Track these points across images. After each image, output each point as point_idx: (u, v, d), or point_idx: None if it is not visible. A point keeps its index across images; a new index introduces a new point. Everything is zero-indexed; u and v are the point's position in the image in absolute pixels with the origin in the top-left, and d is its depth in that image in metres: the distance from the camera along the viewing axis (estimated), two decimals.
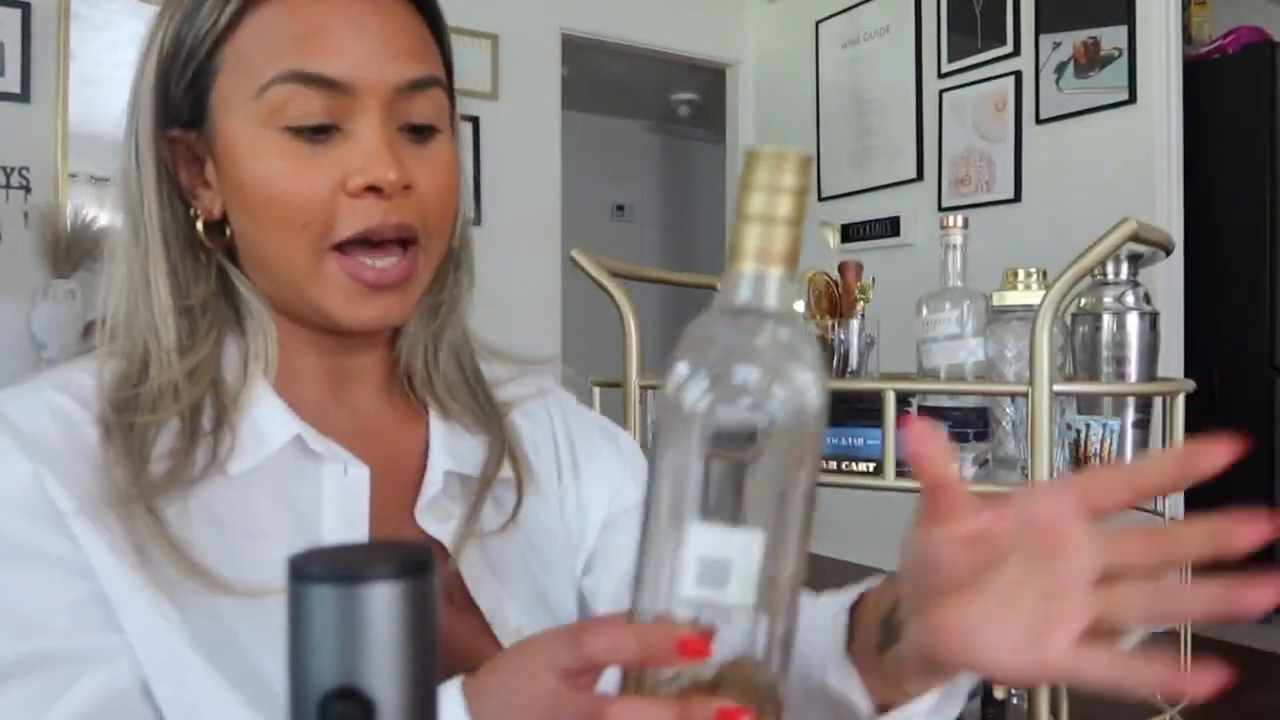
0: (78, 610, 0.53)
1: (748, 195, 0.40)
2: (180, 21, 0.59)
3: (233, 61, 0.58)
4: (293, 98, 0.56)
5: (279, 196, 0.57)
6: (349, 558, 0.30)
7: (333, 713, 0.29)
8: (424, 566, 0.30)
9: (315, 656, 0.29)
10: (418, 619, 0.29)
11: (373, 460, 0.63)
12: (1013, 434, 1.30)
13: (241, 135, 0.58)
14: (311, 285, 0.59)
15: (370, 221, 0.57)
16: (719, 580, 0.39)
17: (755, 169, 0.40)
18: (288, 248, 0.58)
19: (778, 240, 0.40)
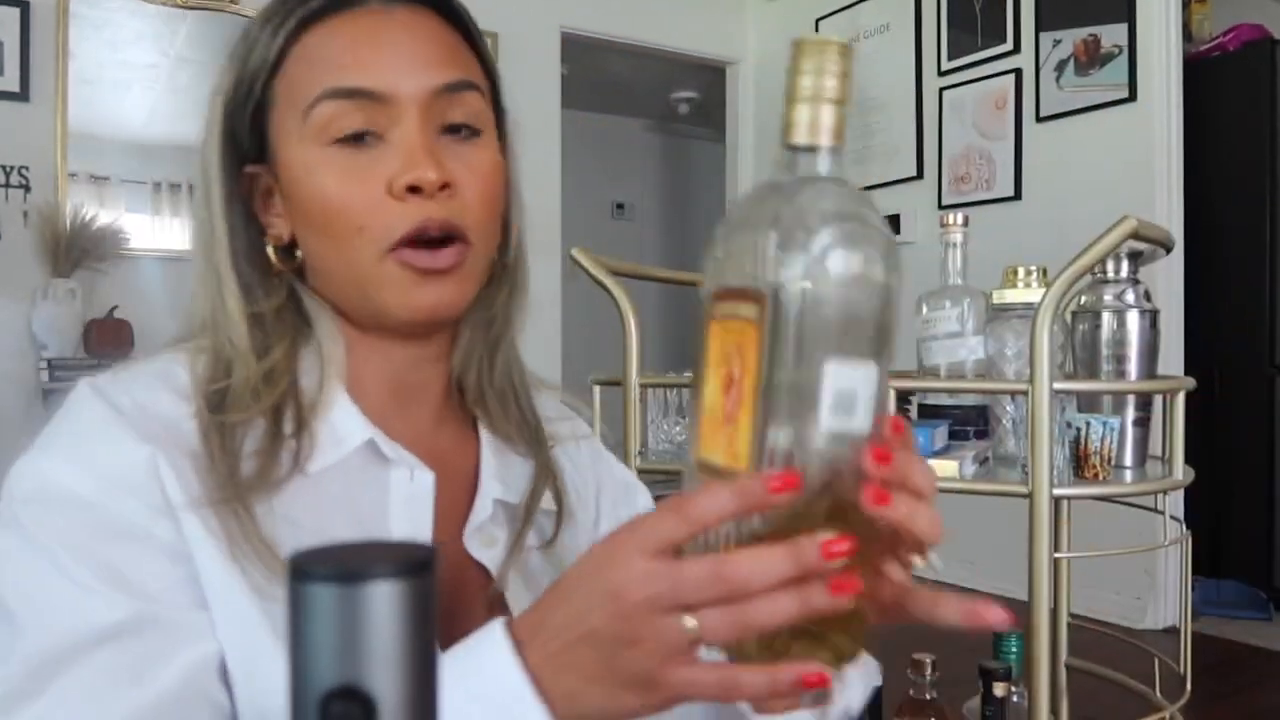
0: (179, 588, 0.56)
1: (796, 79, 0.45)
2: (239, 67, 0.64)
3: (284, 93, 0.62)
4: (336, 114, 0.60)
5: (334, 205, 0.61)
6: (350, 556, 0.30)
7: (333, 712, 0.29)
8: (424, 565, 0.30)
9: (316, 655, 0.29)
10: (418, 618, 0.29)
11: None
12: (1013, 432, 1.30)
13: (297, 157, 0.62)
14: (372, 286, 0.62)
15: (417, 220, 0.60)
16: (849, 409, 0.44)
17: (802, 56, 0.45)
18: (349, 254, 0.62)
19: (825, 116, 0.45)
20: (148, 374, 0.63)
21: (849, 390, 0.44)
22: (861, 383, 0.44)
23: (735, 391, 0.45)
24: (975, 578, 3.76)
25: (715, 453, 0.46)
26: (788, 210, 0.44)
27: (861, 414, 0.44)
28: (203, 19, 3.55)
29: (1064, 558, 1.52)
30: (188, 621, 0.56)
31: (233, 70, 0.64)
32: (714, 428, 0.46)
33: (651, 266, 1.87)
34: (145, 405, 0.60)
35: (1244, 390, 3.52)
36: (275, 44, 0.62)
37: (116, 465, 0.57)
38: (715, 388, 0.46)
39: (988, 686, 1.09)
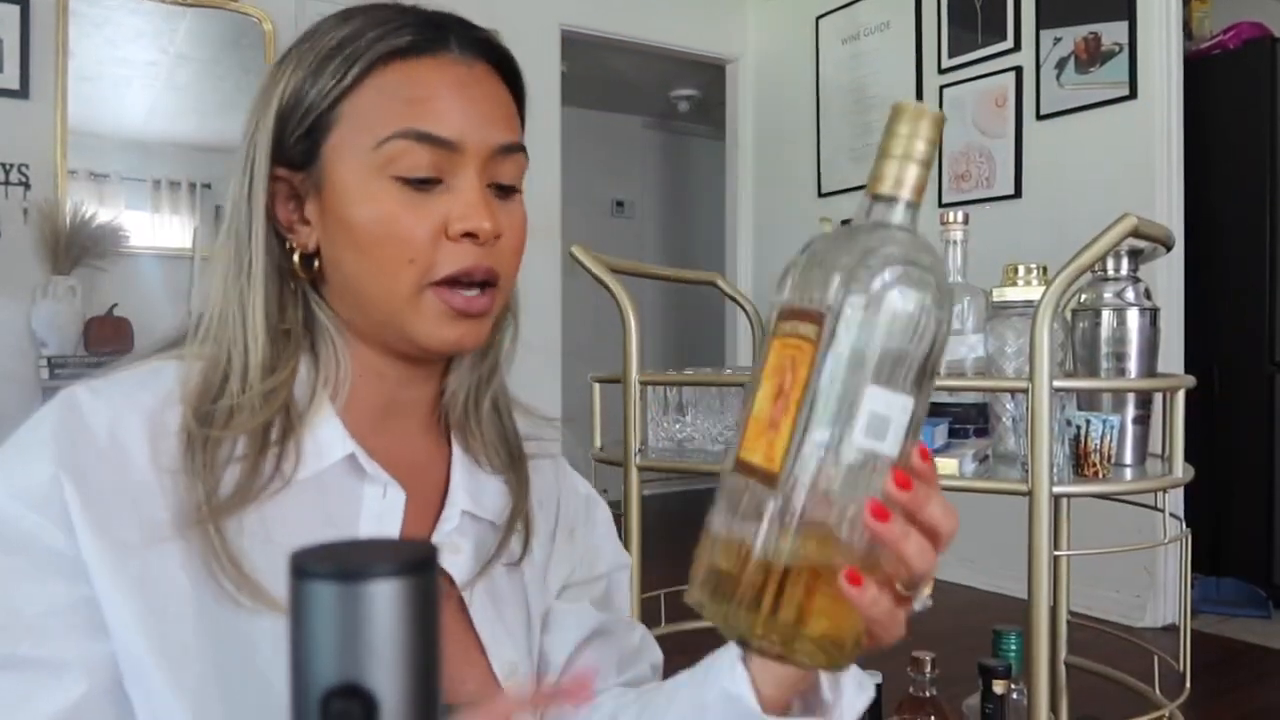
0: (67, 611, 0.57)
1: (890, 137, 0.51)
2: (303, 77, 0.65)
3: (350, 116, 0.65)
4: (406, 152, 0.64)
5: (390, 236, 0.64)
6: (351, 554, 0.30)
7: (334, 710, 0.29)
8: (426, 564, 0.30)
9: (317, 653, 0.29)
10: (420, 616, 0.29)
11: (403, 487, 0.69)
12: (1013, 430, 1.30)
13: (354, 181, 0.65)
14: (406, 314, 0.66)
15: (466, 263, 0.65)
16: (880, 433, 0.49)
17: (899, 118, 0.51)
18: (392, 281, 0.65)
19: (909, 174, 0.50)
20: (135, 382, 0.64)
21: (883, 415, 0.48)
22: (897, 411, 0.49)
23: (782, 400, 0.50)
24: (975, 576, 3.76)
25: (755, 454, 0.51)
26: (859, 247, 0.50)
27: (891, 439, 0.49)
28: (202, 16, 3.55)
29: (1064, 555, 1.52)
30: (62, 659, 0.56)
31: (294, 77, 0.66)
32: (758, 431, 0.51)
33: (651, 264, 1.87)
34: (115, 422, 0.61)
35: (1244, 388, 3.52)
36: (354, 68, 0.65)
37: (25, 480, 0.58)
38: (766, 395, 0.51)
39: (987, 684, 1.10)
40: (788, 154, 4.69)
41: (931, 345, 0.49)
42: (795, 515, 0.49)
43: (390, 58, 0.65)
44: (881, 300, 0.48)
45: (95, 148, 3.36)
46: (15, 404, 3.09)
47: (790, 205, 4.67)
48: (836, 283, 0.49)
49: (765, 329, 0.53)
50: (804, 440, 0.48)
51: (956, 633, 3.20)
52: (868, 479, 0.49)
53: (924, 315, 0.49)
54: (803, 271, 0.51)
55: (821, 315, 0.49)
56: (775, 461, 0.49)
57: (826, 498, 0.49)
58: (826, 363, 0.48)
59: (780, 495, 0.49)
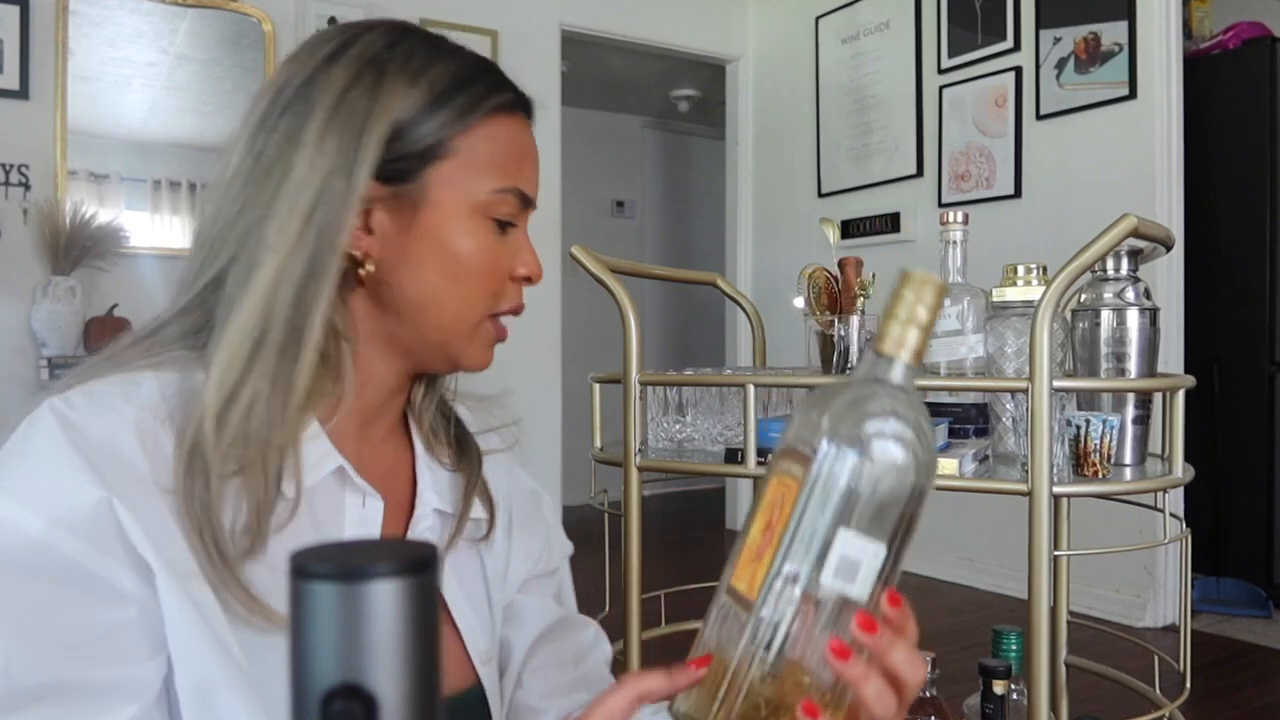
0: (117, 634, 0.57)
1: (897, 301, 0.55)
2: (420, 103, 0.68)
3: (464, 153, 0.69)
4: (506, 202, 0.71)
5: (485, 270, 0.71)
6: (351, 555, 0.30)
7: (334, 710, 0.29)
8: (426, 564, 0.30)
9: (317, 654, 0.29)
10: (419, 616, 0.29)
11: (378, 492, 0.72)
12: (1013, 430, 1.30)
13: (458, 213, 0.69)
14: (465, 338, 0.72)
15: (518, 301, 0.75)
16: (850, 576, 0.51)
17: (907, 284, 0.55)
18: (467, 308, 0.71)
19: (911, 337, 0.54)
20: (117, 395, 0.62)
21: (854, 559, 0.51)
22: (869, 556, 0.52)
23: (769, 534, 0.53)
24: (975, 575, 3.76)
25: (741, 581, 0.54)
26: (850, 398, 0.53)
27: (861, 583, 0.52)
28: (202, 16, 3.55)
29: (1064, 555, 1.52)
30: (111, 683, 0.56)
31: (413, 99, 0.67)
32: (748, 560, 0.54)
33: (651, 264, 1.87)
34: (114, 438, 0.60)
35: (1244, 388, 3.52)
36: (475, 113, 0.69)
37: (67, 505, 0.57)
38: (758, 526, 0.55)
39: (987, 684, 1.10)
40: (788, 154, 4.69)
41: (908, 499, 0.52)
42: (766, 646, 0.52)
43: (500, 110, 0.71)
44: (863, 450, 0.51)
45: (95, 148, 3.36)
46: (15, 404, 3.08)
47: (790, 205, 4.67)
48: (825, 429, 0.52)
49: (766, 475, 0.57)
50: (779, 575, 0.52)
51: (956, 632, 3.20)
52: (835, 619, 0.52)
53: (903, 469, 0.52)
54: (803, 414, 0.55)
55: (809, 458, 0.52)
56: (754, 591, 0.52)
57: (796, 632, 0.52)
58: (808, 504, 0.51)
59: (754, 624, 0.52)
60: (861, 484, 0.51)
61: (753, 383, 1.30)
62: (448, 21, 3.96)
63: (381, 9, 3.84)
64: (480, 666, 0.76)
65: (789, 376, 1.39)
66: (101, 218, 3.27)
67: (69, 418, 0.60)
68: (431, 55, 0.69)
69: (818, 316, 1.41)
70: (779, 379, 1.38)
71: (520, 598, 0.84)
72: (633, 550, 1.38)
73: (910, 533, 0.53)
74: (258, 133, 0.67)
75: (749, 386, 1.29)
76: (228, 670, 0.59)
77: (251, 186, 0.66)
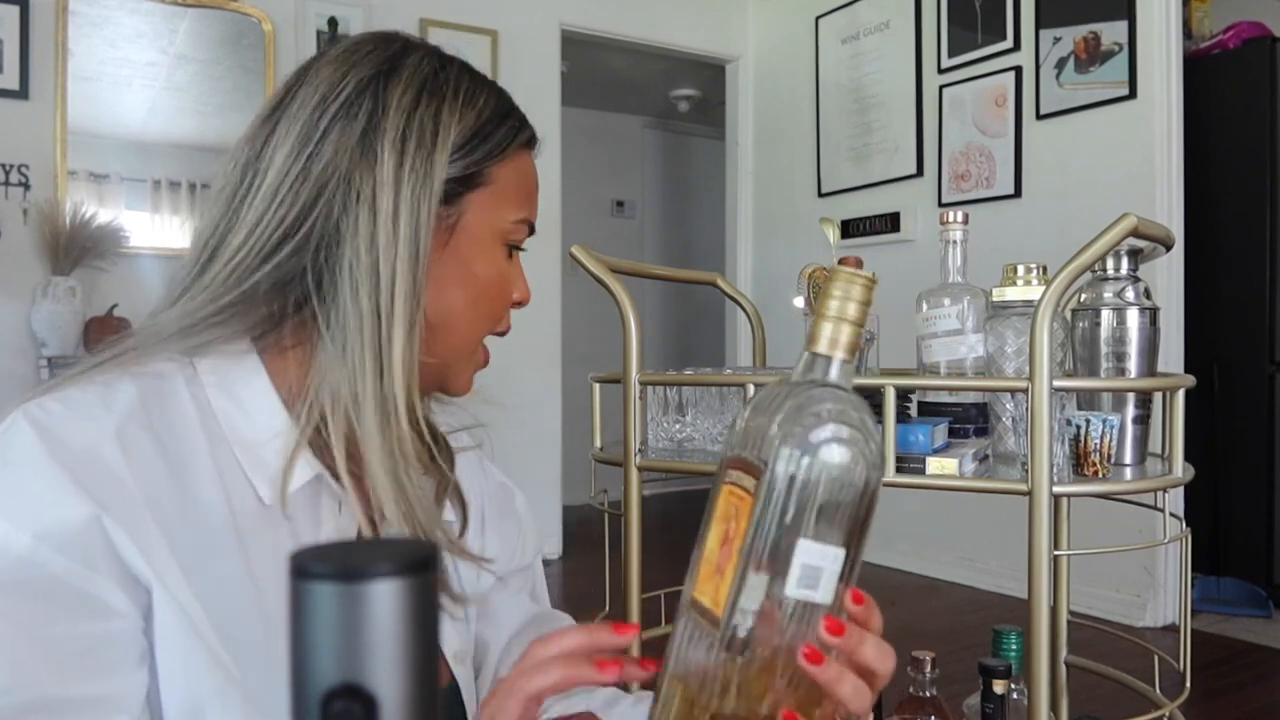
0: (102, 649, 0.57)
1: (826, 299, 0.55)
2: (473, 131, 0.71)
3: (497, 182, 0.73)
4: (520, 230, 0.75)
5: (500, 294, 0.74)
6: (351, 555, 0.30)
7: (334, 710, 0.29)
8: (426, 563, 0.30)
9: (317, 654, 0.29)
10: (419, 616, 0.29)
11: None
12: (1013, 430, 1.30)
13: (485, 238, 0.73)
14: (463, 359, 0.75)
15: (508, 325, 0.77)
16: (813, 583, 0.52)
17: (834, 282, 0.55)
18: (473, 330, 0.74)
19: (844, 334, 0.54)
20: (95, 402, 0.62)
21: (816, 566, 0.52)
22: (829, 562, 0.52)
23: (727, 548, 0.53)
24: (975, 575, 3.76)
25: (705, 595, 0.54)
26: (794, 404, 0.53)
27: (824, 589, 0.52)
28: (201, 16, 3.55)
29: (1064, 555, 1.52)
30: (98, 697, 0.56)
31: (465, 126, 0.70)
32: (708, 573, 0.55)
33: (651, 264, 1.87)
34: (95, 448, 0.59)
35: (1244, 387, 3.52)
36: (513, 144, 0.74)
37: (53, 520, 0.56)
38: (715, 539, 0.55)
39: (987, 684, 1.10)
40: (787, 154, 4.69)
41: (860, 497, 0.52)
42: (736, 660, 0.52)
43: (527, 145, 0.76)
44: (811, 457, 0.52)
45: (95, 148, 3.36)
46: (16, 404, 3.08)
47: (790, 205, 4.67)
48: (771, 438, 0.52)
49: (715, 485, 0.57)
50: (741, 589, 0.52)
51: (956, 632, 3.20)
52: (803, 625, 0.53)
53: (853, 470, 0.52)
54: (747, 421, 0.55)
55: (760, 470, 0.52)
56: (719, 606, 0.53)
57: (765, 643, 0.52)
58: (763, 518, 0.52)
59: (722, 639, 0.52)
60: (814, 491, 0.51)
61: (753, 382, 1.30)
62: (448, 21, 3.96)
63: (382, 9, 3.84)
64: (454, 666, 0.76)
65: None
66: (101, 218, 3.28)
67: (46, 426, 0.59)
68: (475, 85, 0.72)
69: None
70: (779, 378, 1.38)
71: (495, 595, 0.85)
72: (633, 550, 1.38)
73: (866, 529, 0.53)
74: (305, 139, 0.66)
75: (749, 386, 1.29)
76: (220, 682, 0.59)
77: (309, 190, 0.66)
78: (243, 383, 0.66)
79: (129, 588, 0.58)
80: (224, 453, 0.64)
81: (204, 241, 0.68)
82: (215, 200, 0.69)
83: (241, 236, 0.66)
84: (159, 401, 0.63)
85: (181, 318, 0.66)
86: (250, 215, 0.66)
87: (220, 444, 0.64)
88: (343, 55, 0.69)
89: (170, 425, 0.62)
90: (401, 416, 0.65)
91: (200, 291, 0.66)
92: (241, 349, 0.67)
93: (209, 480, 0.63)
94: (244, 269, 0.65)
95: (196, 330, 0.65)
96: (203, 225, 0.69)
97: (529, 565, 0.90)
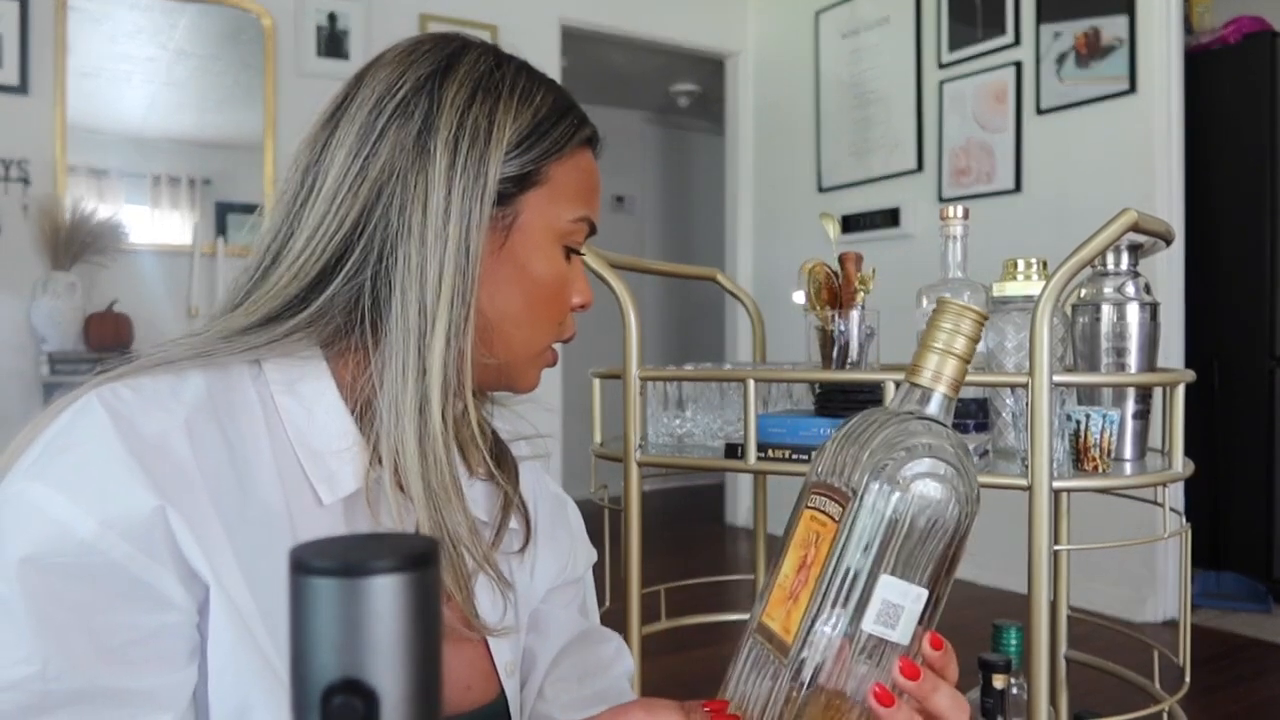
0: (158, 639, 0.57)
1: (934, 330, 0.53)
2: (530, 129, 0.70)
3: (555, 180, 0.71)
4: (580, 231, 0.73)
5: (558, 297, 0.73)
6: (351, 550, 0.30)
7: (335, 705, 0.29)
8: (426, 558, 0.30)
9: (317, 649, 0.29)
10: (420, 611, 0.29)
11: None
12: (1013, 425, 1.30)
13: (543, 239, 0.71)
14: (528, 362, 0.74)
15: (573, 330, 0.76)
16: (892, 622, 0.50)
17: (943, 313, 0.53)
18: (538, 333, 0.73)
19: (949, 369, 0.53)
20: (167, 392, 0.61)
21: (896, 604, 0.50)
22: (910, 601, 0.50)
23: (804, 574, 0.52)
24: (975, 571, 3.77)
25: (775, 621, 0.53)
26: (890, 435, 0.51)
27: (903, 628, 0.50)
28: (201, 12, 3.55)
29: (1064, 550, 1.52)
30: (146, 690, 0.56)
31: (521, 125, 0.69)
32: (780, 598, 0.53)
33: (651, 259, 1.87)
34: (166, 438, 0.58)
35: (1244, 383, 3.52)
36: (571, 142, 0.72)
37: (122, 508, 0.55)
38: (792, 564, 0.53)
39: (987, 679, 1.10)
40: (788, 149, 4.69)
41: (951, 540, 0.51)
42: (802, 690, 0.50)
43: (587, 143, 0.75)
44: (903, 491, 0.50)
45: (95, 143, 3.36)
46: (16, 400, 3.09)
47: (790, 200, 4.66)
48: (864, 468, 0.50)
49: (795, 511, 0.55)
50: (817, 619, 0.50)
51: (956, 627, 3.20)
52: (877, 664, 0.51)
53: (945, 509, 0.50)
54: (838, 447, 0.53)
55: (847, 498, 0.50)
56: (790, 633, 0.51)
57: (834, 677, 0.50)
58: (846, 548, 0.50)
59: (790, 669, 0.51)
60: (903, 526, 0.49)
61: (753, 378, 1.30)
62: (448, 16, 3.96)
63: (381, 4, 3.83)
64: (505, 679, 0.75)
65: (789, 372, 1.39)
66: (101, 213, 3.27)
67: (120, 412, 0.58)
68: (531, 83, 0.71)
69: (818, 312, 1.41)
70: (779, 374, 1.38)
71: (545, 608, 0.83)
72: (633, 545, 1.38)
73: (952, 571, 0.51)
74: (363, 139, 0.66)
75: (749, 382, 1.29)
76: (270, 684, 0.58)
77: (367, 191, 0.65)
78: (307, 384, 0.66)
79: (188, 582, 0.57)
80: (285, 452, 0.64)
81: (266, 246, 0.67)
82: (277, 205, 0.68)
83: (303, 240, 0.66)
84: (226, 396, 0.63)
85: (246, 318, 0.65)
86: (311, 219, 0.66)
87: (282, 443, 0.64)
88: (400, 55, 0.69)
89: (235, 420, 0.62)
90: (433, 416, 0.64)
91: (263, 296, 0.66)
92: (305, 351, 0.66)
93: (270, 478, 0.62)
94: (305, 272, 0.65)
95: (260, 331, 0.65)
96: (265, 229, 0.68)
97: (580, 578, 0.89)
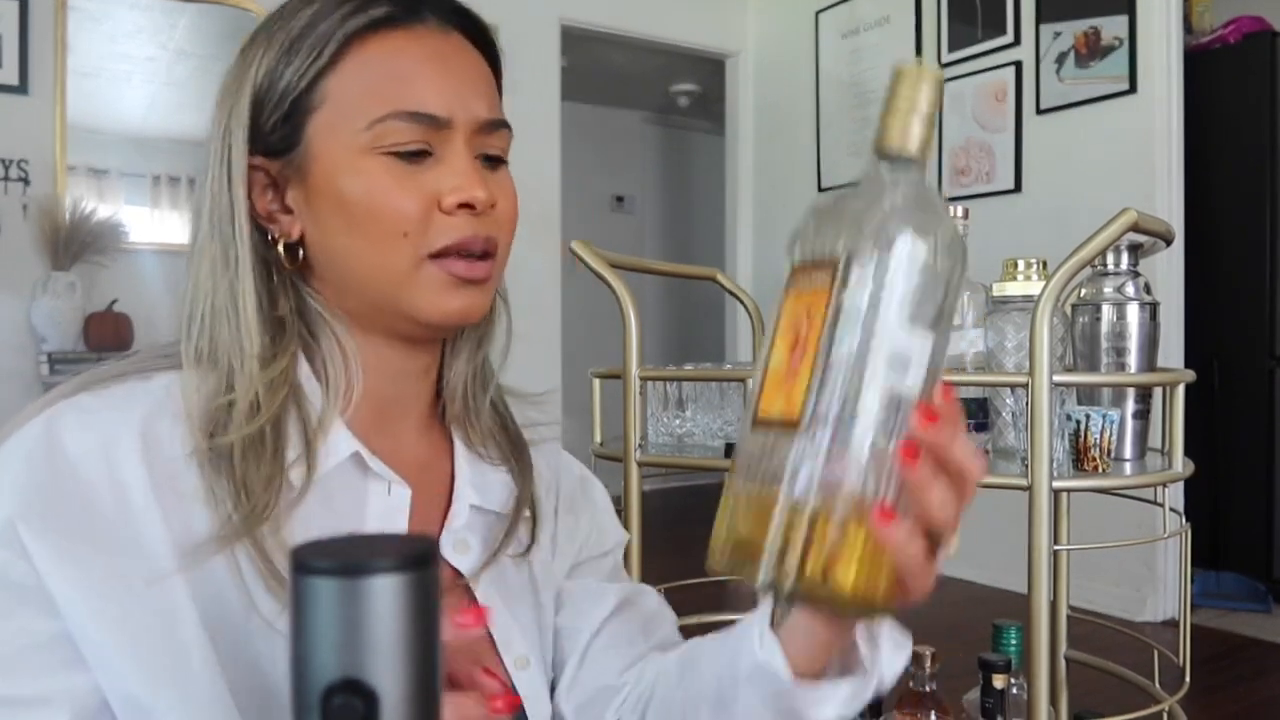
0: (40, 650, 0.55)
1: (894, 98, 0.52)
2: (276, 60, 0.64)
3: (334, 96, 0.64)
4: (396, 130, 0.63)
5: (383, 209, 0.63)
6: (351, 550, 0.30)
7: (335, 705, 0.29)
8: (426, 559, 0.30)
9: (318, 649, 0.29)
10: (420, 611, 0.29)
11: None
12: (1013, 425, 1.30)
13: (343, 160, 0.63)
14: (406, 288, 0.64)
15: (464, 234, 0.64)
16: (902, 370, 0.49)
17: (901, 81, 0.52)
18: (387, 257, 0.64)
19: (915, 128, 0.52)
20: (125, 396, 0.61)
21: (904, 353, 0.48)
22: (917, 349, 0.49)
23: (800, 348, 0.50)
24: (975, 570, 3.77)
25: (774, 407, 0.50)
26: (870, 197, 0.51)
27: (913, 377, 0.49)
28: (201, 12, 3.55)
29: (1063, 550, 1.52)
30: (39, 695, 0.55)
31: (265, 60, 0.64)
32: (774, 386, 0.51)
33: (651, 259, 1.87)
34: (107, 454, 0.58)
35: (1244, 382, 3.52)
36: (330, 45, 0.63)
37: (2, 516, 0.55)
38: (782, 350, 0.51)
39: (987, 678, 1.10)
40: (788, 149, 4.69)
41: (945, 288, 0.50)
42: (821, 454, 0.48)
43: (367, 32, 0.63)
44: (894, 243, 0.49)
45: (95, 143, 3.36)
46: (16, 400, 3.09)
47: (790, 200, 4.66)
48: (848, 230, 0.49)
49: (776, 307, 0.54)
50: (824, 379, 0.48)
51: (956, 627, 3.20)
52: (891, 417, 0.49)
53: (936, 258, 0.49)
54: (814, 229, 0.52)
55: (835, 260, 0.49)
56: (796, 406, 0.49)
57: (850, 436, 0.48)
58: (844, 303, 0.48)
59: (805, 436, 0.48)
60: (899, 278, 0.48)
61: (753, 378, 1.30)
62: None
63: None
64: (515, 673, 0.71)
65: None
66: (101, 213, 3.27)
67: (57, 429, 0.58)
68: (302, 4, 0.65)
69: None
70: None
71: (570, 584, 0.79)
72: (633, 545, 1.38)
73: (948, 320, 0.50)
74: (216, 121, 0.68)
75: (749, 381, 1.29)
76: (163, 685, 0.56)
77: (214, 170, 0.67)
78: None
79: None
80: None
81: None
82: None
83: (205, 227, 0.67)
84: (198, 391, 0.62)
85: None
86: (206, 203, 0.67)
87: None
88: None
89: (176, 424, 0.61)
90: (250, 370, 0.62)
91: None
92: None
93: None
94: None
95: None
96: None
97: (608, 551, 0.84)
